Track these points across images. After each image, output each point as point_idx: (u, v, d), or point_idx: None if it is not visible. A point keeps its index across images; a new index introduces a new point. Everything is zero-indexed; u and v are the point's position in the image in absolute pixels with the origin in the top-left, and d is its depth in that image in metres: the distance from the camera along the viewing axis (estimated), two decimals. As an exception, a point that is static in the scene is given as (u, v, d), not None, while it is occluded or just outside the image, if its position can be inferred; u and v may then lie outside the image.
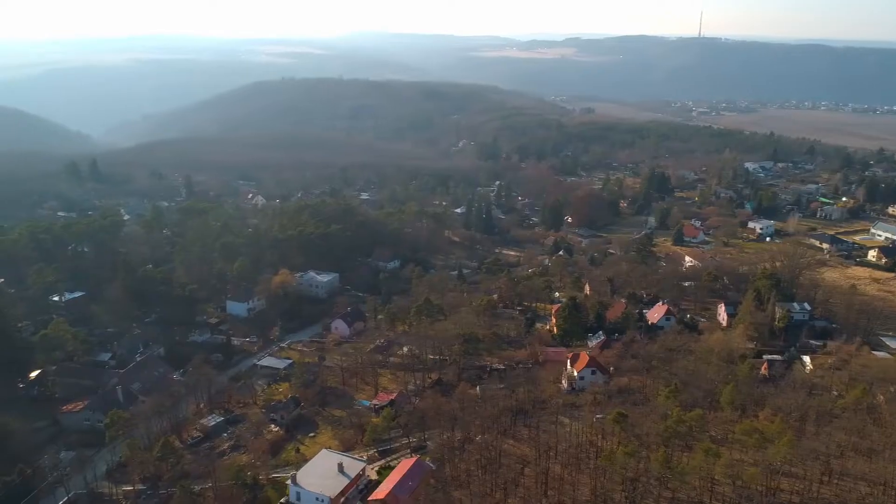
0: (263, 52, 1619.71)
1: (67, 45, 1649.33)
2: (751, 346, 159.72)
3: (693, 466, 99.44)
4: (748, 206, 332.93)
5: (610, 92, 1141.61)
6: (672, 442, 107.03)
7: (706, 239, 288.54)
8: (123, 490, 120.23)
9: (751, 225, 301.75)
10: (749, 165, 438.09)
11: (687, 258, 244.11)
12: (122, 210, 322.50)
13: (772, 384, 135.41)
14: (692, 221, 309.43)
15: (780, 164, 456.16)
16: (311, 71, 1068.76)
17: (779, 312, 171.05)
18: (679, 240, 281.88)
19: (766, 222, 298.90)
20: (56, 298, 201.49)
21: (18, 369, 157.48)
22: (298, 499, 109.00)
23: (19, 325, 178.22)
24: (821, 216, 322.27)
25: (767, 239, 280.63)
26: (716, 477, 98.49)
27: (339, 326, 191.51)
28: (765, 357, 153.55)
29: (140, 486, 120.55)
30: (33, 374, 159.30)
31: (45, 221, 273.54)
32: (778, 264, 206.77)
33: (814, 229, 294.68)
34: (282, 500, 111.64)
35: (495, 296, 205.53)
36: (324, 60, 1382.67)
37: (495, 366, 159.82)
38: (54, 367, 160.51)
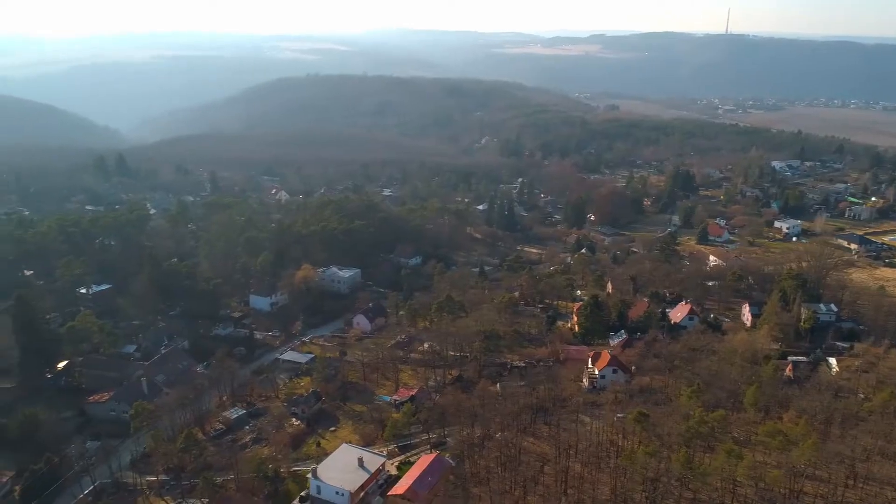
0: (287, 48, 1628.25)
1: (95, 42, 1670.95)
2: (775, 346, 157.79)
3: (715, 467, 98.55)
4: (774, 206, 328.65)
5: (635, 89, 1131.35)
6: (694, 442, 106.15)
7: (731, 238, 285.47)
8: (147, 480, 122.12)
9: (777, 224, 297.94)
10: (776, 164, 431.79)
11: (711, 257, 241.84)
12: (148, 204, 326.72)
13: (796, 386, 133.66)
14: (717, 220, 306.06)
15: (807, 163, 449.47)
16: (334, 67, 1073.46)
17: (805, 313, 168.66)
18: (703, 239, 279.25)
19: (792, 222, 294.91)
20: (83, 291, 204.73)
21: (46, 360, 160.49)
22: (319, 492, 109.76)
23: (48, 316, 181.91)
24: (849, 216, 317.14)
25: (794, 239, 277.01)
26: (738, 478, 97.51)
27: (361, 322, 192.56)
28: (790, 358, 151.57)
29: (164, 477, 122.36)
30: (61, 365, 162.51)
31: (73, 215, 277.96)
32: (804, 264, 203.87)
33: (842, 229, 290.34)
34: (302, 494, 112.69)
35: (517, 293, 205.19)
36: (347, 57, 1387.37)
37: (516, 363, 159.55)
38: (81, 359, 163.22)
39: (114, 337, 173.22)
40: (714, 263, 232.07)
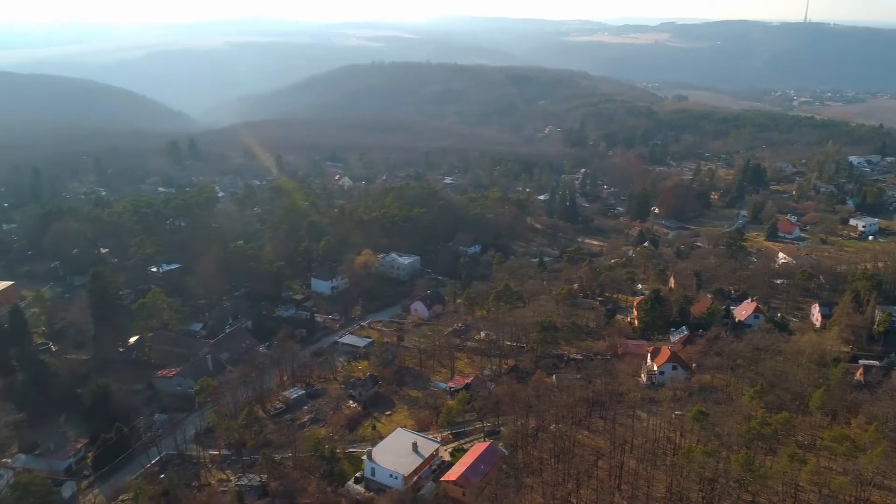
0: (354, 35, 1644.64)
1: (170, 29, 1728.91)
2: (846, 349, 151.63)
3: (776, 471, 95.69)
4: (850, 202, 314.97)
5: (705, 79, 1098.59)
6: (755, 444, 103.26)
7: (802, 235, 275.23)
8: (210, 454, 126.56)
9: (852, 222, 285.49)
10: (854, 159, 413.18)
11: (780, 254, 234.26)
12: (217, 187, 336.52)
13: (867, 391, 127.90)
14: (788, 216, 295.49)
15: (888, 159, 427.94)
16: (399, 55, 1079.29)
17: (879, 315, 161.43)
18: (773, 235, 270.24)
19: (869, 220, 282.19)
20: (154, 269, 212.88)
21: (119, 334, 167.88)
22: (373, 474, 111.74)
23: (120, 293, 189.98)
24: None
25: (870, 238, 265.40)
26: (800, 484, 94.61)
27: (419, 308, 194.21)
28: (861, 362, 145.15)
29: (225, 452, 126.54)
30: (132, 340, 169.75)
31: (146, 196, 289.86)
32: (881, 265, 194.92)
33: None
34: (357, 475, 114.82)
35: (576, 285, 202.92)
36: (413, 45, 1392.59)
37: (573, 355, 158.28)
38: (151, 335, 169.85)
39: (182, 314, 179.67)
40: (783, 261, 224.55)
